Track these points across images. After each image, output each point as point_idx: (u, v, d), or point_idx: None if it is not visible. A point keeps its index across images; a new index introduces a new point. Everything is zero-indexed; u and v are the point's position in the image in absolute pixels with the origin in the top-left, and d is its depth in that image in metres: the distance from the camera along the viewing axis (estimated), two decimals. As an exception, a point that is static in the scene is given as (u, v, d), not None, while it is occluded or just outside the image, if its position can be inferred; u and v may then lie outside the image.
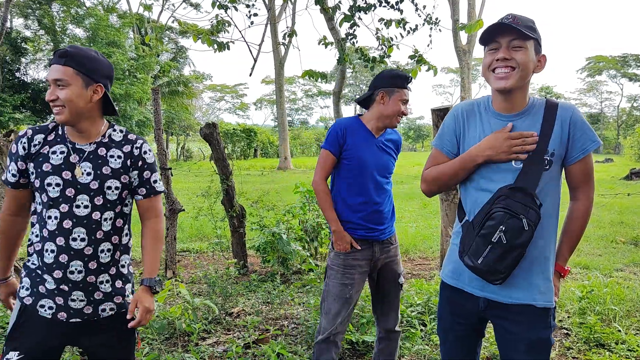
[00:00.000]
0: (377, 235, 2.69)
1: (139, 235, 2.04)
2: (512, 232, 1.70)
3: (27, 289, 1.82)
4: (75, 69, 1.76)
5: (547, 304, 1.79)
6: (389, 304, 2.78)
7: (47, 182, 1.76)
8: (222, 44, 3.92)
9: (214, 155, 5.15)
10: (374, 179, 2.66)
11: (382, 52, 4.24)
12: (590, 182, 1.84)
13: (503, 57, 1.73)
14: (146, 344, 3.35)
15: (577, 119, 1.77)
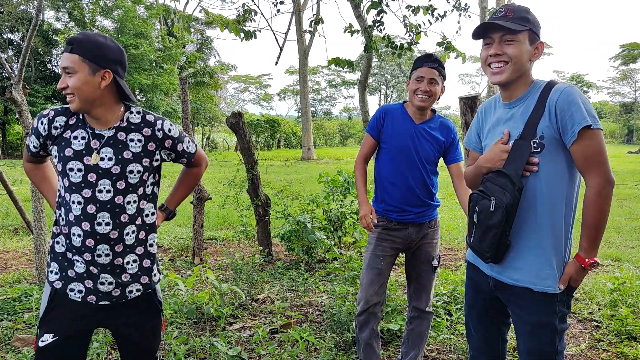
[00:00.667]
0: (413, 219, 2.76)
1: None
2: (484, 213, 1.85)
3: (56, 273, 1.85)
4: (81, 55, 1.74)
5: (547, 289, 1.81)
6: (421, 284, 2.84)
7: (69, 167, 1.78)
8: (249, 32, 3.93)
9: (240, 144, 5.19)
10: (410, 163, 2.71)
11: (409, 40, 4.19)
12: (595, 166, 1.73)
13: (495, 53, 1.83)
14: (175, 327, 3.42)
15: (564, 100, 1.73)
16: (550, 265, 1.82)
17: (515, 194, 1.76)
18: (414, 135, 2.72)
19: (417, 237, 2.80)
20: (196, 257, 5.44)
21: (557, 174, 1.80)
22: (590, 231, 1.78)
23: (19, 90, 4.10)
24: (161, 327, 2.08)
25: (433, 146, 2.74)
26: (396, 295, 3.90)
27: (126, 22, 24.38)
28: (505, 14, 1.82)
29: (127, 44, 24.66)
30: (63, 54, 1.77)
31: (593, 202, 1.74)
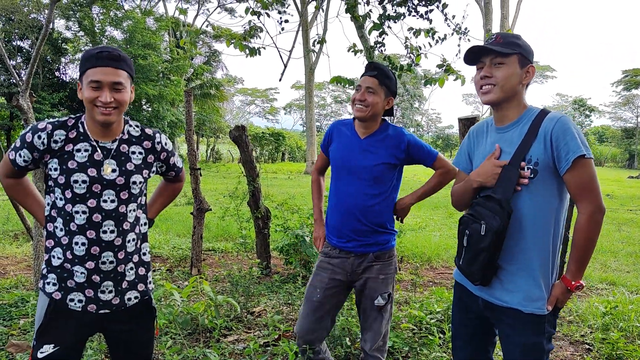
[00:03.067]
0: (353, 247, 2.52)
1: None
2: (475, 237, 1.89)
3: (54, 284, 1.86)
4: (128, 72, 1.84)
5: (536, 311, 1.86)
6: (365, 323, 2.58)
7: (73, 179, 1.80)
8: (254, 49, 4.03)
9: (242, 157, 5.26)
10: (350, 182, 2.51)
11: (410, 61, 4.27)
12: (587, 193, 1.80)
13: (484, 75, 1.92)
14: (170, 337, 3.46)
15: (560, 129, 1.81)
16: (539, 287, 1.87)
17: (505, 218, 1.82)
18: (358, 151, 2.50)
19: (359, 269, 2.52)
20: (194, 268, 5.48)
21: (547, 199, 1.86)
22: (579, 255, 1.84)
23: (25, 98, 4.19)
24: (155, 333, 2.13)
25: (382, 160, 2.48)
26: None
27: (135, 33, 24.64)
28: (495, 40, 1.92)
29: (135, 55, 24.92)
30: (105, 67, 1.77)
31: (583, 228, 1.81)
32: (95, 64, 1.77)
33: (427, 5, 4.12)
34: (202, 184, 15.24)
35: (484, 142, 2.07)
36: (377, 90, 2.46)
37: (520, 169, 1.85)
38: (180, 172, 2.21)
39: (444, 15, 4.17)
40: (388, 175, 2.52)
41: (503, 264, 1.91)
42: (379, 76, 2.46)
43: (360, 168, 2.49)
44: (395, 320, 3.74)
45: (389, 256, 2.57)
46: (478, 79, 1.96)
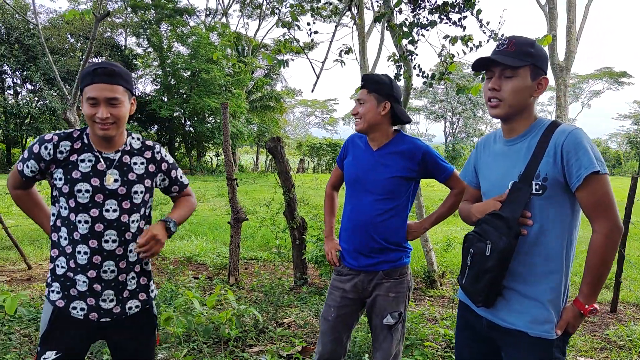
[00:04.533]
0: (365, 265, 2.45)
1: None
2: (479, 256, 1.79)
3: (57, 293, 1.91)
4: (124, 86, 1.86)
5: (543, 335, 1.73)
6: (376, 342, 2.49)
7: (77, 189, 1.85)
8: (282, 61, 4.06)
9: (278, 167, 5.30)
10: (362, 196, 2.44)
11: (443, 69, 4.15)
12: (602, 212, 1.67)
13: (492, 88, 1.80)
14: (188, 346, 3.51)
15: (571, 143, 1.67)
16: (548, 310, 1.75)
17: (512, 239, 1.71)
18: (371, 164, 2.43)
19: (369, 286, 2.45)
20: (231, 277, 5.56)
21: (557, 217, 1.74)
22: (593, 277, 1.71)
23: (73, 111, 4.45)
24: (155, 342, 2.16)
25: (395, 173, 2.39)
26: (417, 328, 3.79)
27: (199, 49, 25.67)
28: (507, 47, 1.78)
29: (199, 69, 25.96)
30: (101, 84, 1.79)
31: (598, 248, 1.68)
32: (92, 81, 1.80)
33: (460, 12, 3.99)
34: (257, 193, 15.57)
35: (489, 156, 1.97)
36: (366, 99, 2.39)
37: (529, 186, 1.73)
38: (184, 188, 2.22)
39: (479, 21, 4.02)
40: (402, 189, 2.42)
41: (509, 284, 1.79)
42: (366, 84, 2.41)
43: (372, 181, 2.41)
44: (420, 338, 3.61)
45: (400, 274, 2.46)
46: (486, 90, 1.84)
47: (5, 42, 23.23)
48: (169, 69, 27.23)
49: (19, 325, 3.78)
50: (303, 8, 4.32)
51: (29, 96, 25.77)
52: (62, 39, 25.44)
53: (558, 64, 19.30)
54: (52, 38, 24.76)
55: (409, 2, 4.15)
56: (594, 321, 4.75)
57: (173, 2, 28.57)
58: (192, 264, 6.66)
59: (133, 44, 30.79)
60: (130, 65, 28.01)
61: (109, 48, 26.88)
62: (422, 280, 5.88)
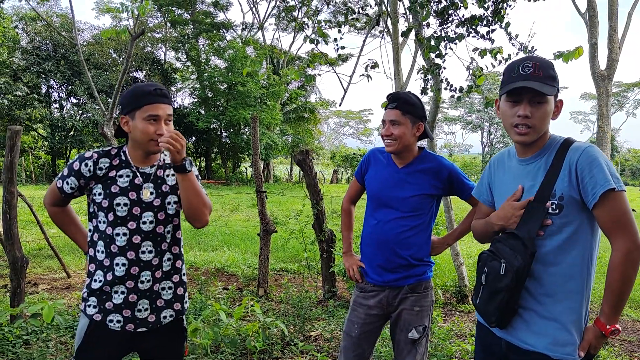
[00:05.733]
0: (390, 280, 2.45)
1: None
2: (492, 275, 1.77)
3: (94, 307, 1.98)
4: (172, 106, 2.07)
5: (566, 357, 1.70)
6: (400, 356, 2.48)
7: (116, 202, 1.95)
8: (310, 76, 4.12)
9: (306, 180, 5.35)
10: (387, 213, 2.44)
11: (470, 82, 4.12)
12: (620, 230, 1.64)
13: (524, 115, 1.73)
14: (216, 357, 3.56)
15: (585, 161, 1.65)
16: (569, 331, 1.72)
17: (527, 258, 1.70)
18: (395, 181, 2.44)
19: (394, 301, 2.46)
20: (261, 288, 5.61)
21: (575, 236, 1.71)
22: (614, 297, 1.67)
23: (109, 126, 4.63)
24: (184, 352, 2.22)
25: (421, 191, 2.41)
26: (444, 344, 3.74)
27: (235, 62, 26.20)
28: (534, 71, 1.72)
29: (235, 82, 26.47)
30: (159, 104, 1.94)
31: (618, 267, 1.64)
32: (155, 101, 1.94)
33: (489, 25, 3.96)
34: (290, 203, 15.67)
35: (505, 174, 1.95)
36: (401, 121, 2.37)
37: (545, 206, 1.71)
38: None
39: (508, 34, 3.98)
40: (426, 206, 2.43)
41: (528, 304, 1.77)
42: (400, 106, 2.38)
43: (398, 199, 2.42)
44: (447, 354, 3.55)
45: (425, 287, 2.47)
46: (512, 115, 1.77)
47: (52, 58, 24.37)
48: (206, 82, 27.89)
49: (56, 333, 3.93)
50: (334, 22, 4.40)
51: (73, 110, 26.88)
52: (105, 55, 26.48)
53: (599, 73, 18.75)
54: (96, 54, 25.81)
55: (436, 16, 4.15)
56: (632, 341, 4.56)
57: (211, 17, 29.34)
58: (223, 274, 6.77)
59: (172, 58, 31.74)
60: (170, 79, 28.86)
61: (149, 62, 27.77)
62: (453, 294, 5.78)
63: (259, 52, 28.59)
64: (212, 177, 30.72)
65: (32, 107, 24.18)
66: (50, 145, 26.04)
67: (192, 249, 8.34)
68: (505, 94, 1.77)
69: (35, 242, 8.02)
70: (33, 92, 24.56)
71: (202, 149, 31.74)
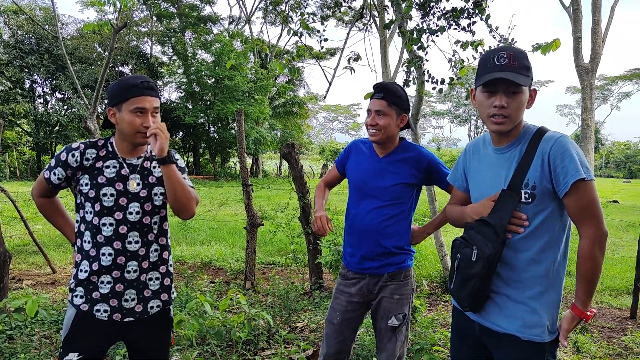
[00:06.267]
0: (370, 268, 2.49)
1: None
2: (465, 262, 1.82)
3: (81, 297, 2.00)
4: (159, 99, 2.06)
5: (535, 338, 1.77)
6: (381, 343, 2.53)
7: (102, 193, 1.97)
8: (294, 69, 4.13)
9: (292, 173, 5.37)
10: (368, 202, 2.48)
11: (453, 74, 4.16)
12: (589, 218, 1.70)
13: (501, 106, 1.76)
14: (202, 348, 3.58)
15: (557, 151, 1.70)
16: (538, 314, 1.78)
17: (498, 246, 1.76)
18: (376, 171, 2.48)
19: (375, 289, 2.50)
20: (248, 281, 5.64)
21: (547, 224, 1.77)
22: (586, 283, 1.74)
23: (93, 120, 4.60)
24: (171, 342, 2.24)
25: (401, 180, 2.45)
26: (428, 332, 3.79)
27: (222, 56, 26.04)
28: (509, 61, 1.74)
29: (222, 76, 26.33)
30: (146, 96, 1.96)
31: (588, 253, 1.70)
32: (141, 93, 1.96)
33: (470, 17, 4.00)
34: (278, 198, 15.68)
35: (480, 162, 1.98)
36: (386, 111, 2.41)
37: (517, 194, 1.76)
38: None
39: (489, 27, 4.02)
40: (407, 195, 2.48)
41: (500, 289, 1.83)
42: (387, 97, 2.41)
43: (379, 188, 2.46)
44: (430, 342, 3.61)
45: (404, 276, 2.51)
46: (488, 106, 1.79)
47: (35, 52, 24.01)
48: (193, 76, 27.71)
49: (40, 328, 3.92)
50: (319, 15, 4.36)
51: (58, 104, 26.55)
52: (89, 49, 26.16)
53: (583, 66, 18.95)
54: (81, 48, 25.48)
55: (419, 9, 4.18)
56: (611, 327, 4.66)
57: (197, 11, 29.12)
58: (211, 268, 6.78)
59: (158, 52, 31.48)
60: (156, 73, 28.60)
61: (135, 57, 27.50)
62: (438, 285, 5.86)
63: (246, 46, 28.50)
64: (200, 172, 30.58)
65: (15, 102, 23.87)
66: (34, 141, 25.72)
67: (180, 243, 8.33)
68: (481, 85, 1.79)
69: (19, 238, 7.96)
70: (16, 87, 24.23)
71: (190, 144, 31.56)
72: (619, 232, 11.22)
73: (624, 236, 10.67)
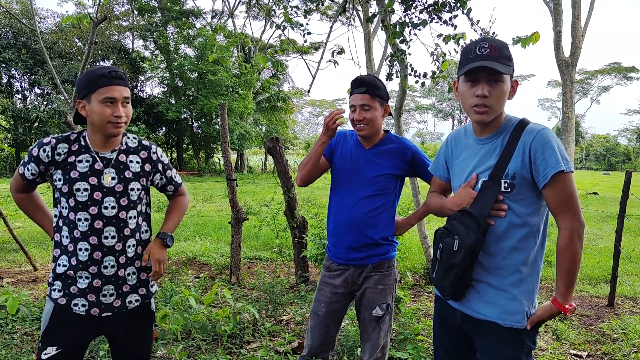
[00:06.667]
0: (354, 259, 2.51)
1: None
2: (447, 251, 1.84)
3: (59, 291, 1.99)
4: (130, 89, 2.03)
5: (514, 325, 1.80)
6: (365, 333, 2.56)
7: (75, 188, 1.95)
8: (276, 62, 4.12)
9: (277, 167, 5.37)
10: (352, 193, 2.50)
11: (435, 67, 4.19)
12: (567, 209, 1.73)
13: (482, 95, 1.77)
14: (187, 342, 3.58)
15: (539, 143, 1.73)
16: (519, 301, 1.81)
17: (480, 236, 1.78)
18: (362, 162, 2.50)
19: (359, 279, 2.52)
20: (233, 276, 5.63)
21: (525, 214, 1.80)
22: (566, 275, 1.77)
23: (73, 115, 4.54)
24: (153, 336, 2.24)
25: (386, 171, 2.48)
26: (412, 323, 3.84)
27: (205, 50, 25.78)
28: (490, 51, 1.76)
29: (205, 70, 26.10)
30: (117, 86, 1.94)
31: (568, 245, 1.74)
32: (110, 83, 1.93)
33: (451, 11, 4.03)
34: (264, 193, 15.65)
35: (462, 152, 2.00)
36: (371, 104, 2.43)
37: (498, 185, 1.79)
38: (179, 187, 2.32)
39: (470, 20, 4.05)
40: (391, 185, 2.51)
41: (481, 277, 1.86)
42: (369, 90, 2.42)
43: (364, 179, 2.48)
44: (414, 332, 3.65)
45: (388, 266, 2.55)
46: (471, 96, 1.80)
47: (13, 46, 23.52)
48: (176, 71, 27.41)
49: (22, 325, 3.88)
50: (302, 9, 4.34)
51: (37, 100, 26.07)
52: (69, 43, 25.70)
53: (564, 60, 19.18)
54: (60, 42, 25.03)
55: (401, 2, 4.20)
56: (590, 315, 4.77)
57: (179, 5, 28.75)
58: (196, 264, 6.75)
59: (140, 47, 31.05)
60: (138, 68, 28.22)
61: (116, 51, 27.11)
62: (422, 277, 5.92)
63: (229, 40, 28.25)
64: (184, 168, 30.33)
65: (-7, 98, 23.38)
66: (13, 137, 25.22)
67: (164, 239, 8.25)
68: (464, 75, 1.80)
69: None
70: (-6, 83, 23.75)
71: (173, 139, 31.26)
72: (598, 223, 11.44)
73: (603, 227, 10.88)
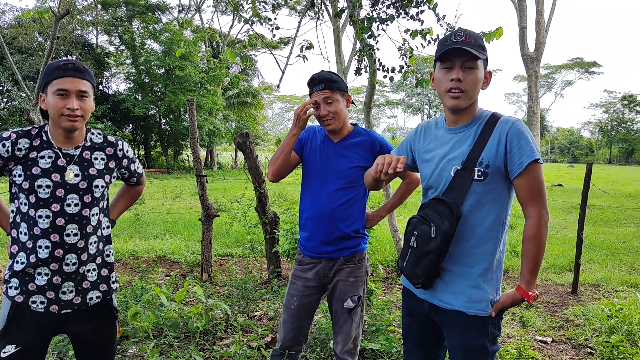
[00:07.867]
0: (326, 252, 2.55)
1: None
2: (422, 238, 1.87)
3: (16, 288, 1.94)
4: (91, 83, 1.97)
5: (479, 313, 1.85)
6: (336, 325, 2.60)
7: (37, 184, 1.89)
8: (246, 57, 4.10)
9: (247, 163, 5.34)
10: (323, 188, 2.53)
11: (402, 62, 4.24)
12: (537, 198, 1.79)
13: (457, 78, 1.81)
14: (160, 340, 3.55)
15: (514, 132, 1.78)
16: (483, 289, 1.86)
17: (454, 223, 1.81)
18: (331, 154, 2.54)
19: (330, 272, 2.56)
20: (204, 273, 5.59)
21: (494, 203, 1.85)
22: (532, 261, 1.82)
23: (36, 112, 4.43)
24: (116, 333, 2.21)
25: (356, 163, 2.51)
26: (383, 314, 3.90)
27: (172, 45, 25.38)
28: (465, 39, 1.80)
29: (173, 66, 25.69)
30: (70, 77, 1.89)
31: (535, 234, 1.79)
32: (63, 75, 1.89)
33: (418, 6, 4.08)
34: (235, 190, 15.53)
35: (431, 142, 2.03)
36: (334, 97, 2.47)
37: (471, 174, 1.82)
38: (140, 177, 2.32)
39: (436, 15, 4.12)
40: (361, 178, 2.52)
41: (447, 266, 1.89)
42: (328, 85, 2.46)
43: (335, 171, 2.51)
44: (386, 323, 3.71)
45: (359, 259, 2.58)
46: (446, 80, 1.83)
47: (-29, 42, 22.65)
48: (143, 66, 26.89)
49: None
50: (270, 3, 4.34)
51: (-2, 98, 25.21)
52: (30, 38, 24.92)
53: (528, 55, 19.65)
54: (20, 37, 24.24)
55: (369, -3, 4.23)
56: (554, 302, 4.94)
57: (144, -1, 28.22)
58: (166, 262, 6.67)
59: (104, 42, 30.36)
60: (102, 64, 27.57)
61: (80, 47, 26.41)
62: (393, 269, 6.00)
63: (196, 35, 27.86)
64: (152, 165, 29.80)
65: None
66: (-28, 136, 24.31)
67: (132, 237, 8.14)
68: (440, 62, 1.85)
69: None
70: (-50, 80, 22.84)
71: (140, 136, 30.69)
72: (563, 213, 11.80)
73: (567, 217, 11.22)
